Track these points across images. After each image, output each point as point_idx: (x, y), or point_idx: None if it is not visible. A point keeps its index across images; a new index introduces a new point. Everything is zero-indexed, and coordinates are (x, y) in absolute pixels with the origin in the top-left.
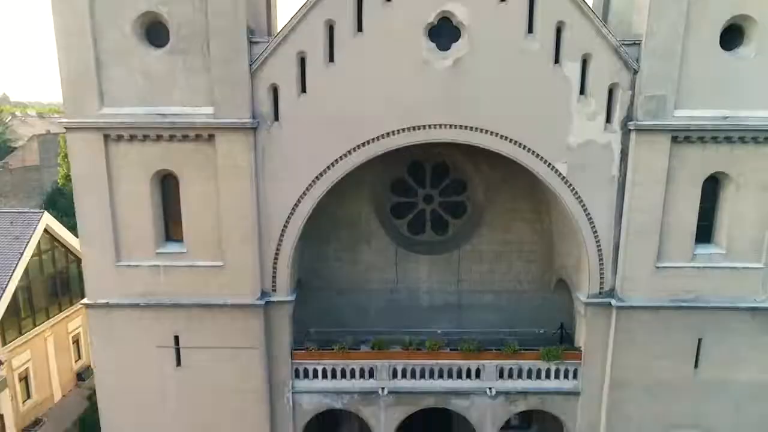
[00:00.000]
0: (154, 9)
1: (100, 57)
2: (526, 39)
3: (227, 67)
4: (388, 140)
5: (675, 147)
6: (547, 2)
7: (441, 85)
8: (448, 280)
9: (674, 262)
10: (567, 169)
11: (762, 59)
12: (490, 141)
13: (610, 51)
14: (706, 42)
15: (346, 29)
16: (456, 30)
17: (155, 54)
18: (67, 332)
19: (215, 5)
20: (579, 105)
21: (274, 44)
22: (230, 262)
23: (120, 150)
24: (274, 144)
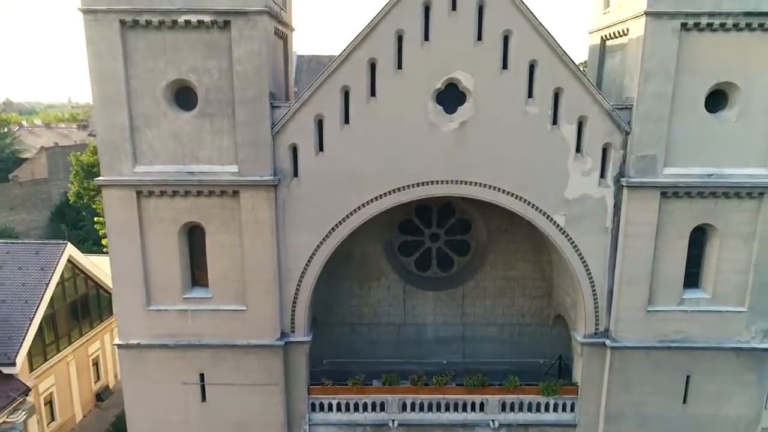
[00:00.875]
0: (184, 77)
1: (134, 121)
2: (527, 103)
3: (251, 130)
4: (398, 195)
5: (664, 201)
6: (546, 70)
7: (448, 145)
8: (453, 314)
9: (664, 306)
10: (564, 220)
11: (744, 122)
12: (494, 195)
13: (604, 114)
14: (692, 106)
15: (361, 95)
16: (462, 94)
17: (184, 117)
18: (87, 355)
19: (241, 75)
20: (575, 163)
21: (294, 109)
22: (252, 306)
23: (151, 204)
24: (294, 198)
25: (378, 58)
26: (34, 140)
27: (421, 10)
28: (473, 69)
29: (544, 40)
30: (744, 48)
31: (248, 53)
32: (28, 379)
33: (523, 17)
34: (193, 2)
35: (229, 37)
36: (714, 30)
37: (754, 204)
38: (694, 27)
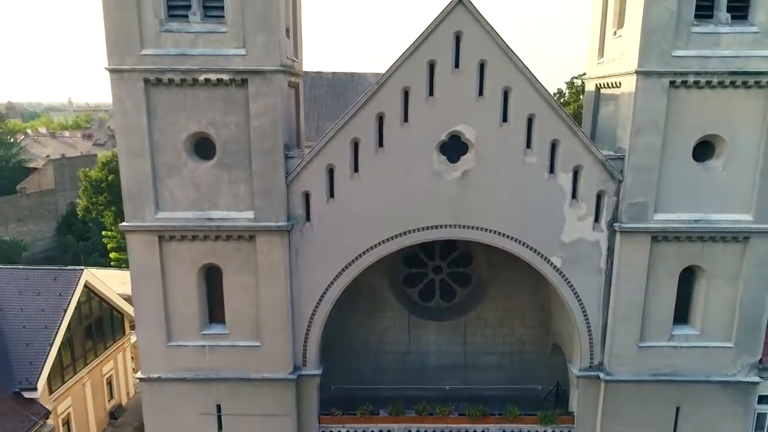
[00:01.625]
0: (204, 130)
1: (156, 170)
2: (526, 154)
3: (266, 179)
4: (404, 238)
5: (655, 245)
6: (543, 123)
7: (451, 192)
8: (455, 343)
9: (655, 342)
10: (561, 262)
11: (729, 171)
12: (494, 239)
13: (598, 164)
14: (681, 156)
15: (369, 145)
16: (464, 145)
17: (204, 167)
18: (101, 375)
19: (257, 129)
20: (571, 209)
21: (307, 159)
22: (267, 342)
23: (172, 247)
24: (306, 242)
25: (386, 112)
26: (39, 149)
27: (427, 68)
28: (475, 122)
29: (541, 96)
30: (729, 103)
31: (264, 109)
32: (47, 402)
33: (522, 75)
34: (212, 62)
35: (246, 94)
36: (701, 87)
37: (739, 247)
38: (682, 85)
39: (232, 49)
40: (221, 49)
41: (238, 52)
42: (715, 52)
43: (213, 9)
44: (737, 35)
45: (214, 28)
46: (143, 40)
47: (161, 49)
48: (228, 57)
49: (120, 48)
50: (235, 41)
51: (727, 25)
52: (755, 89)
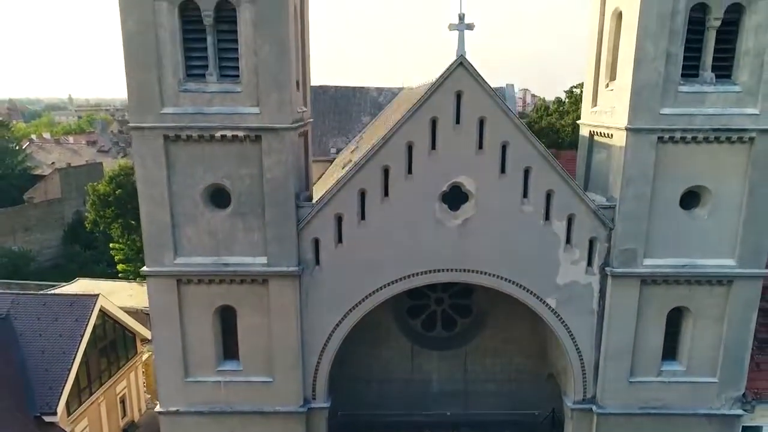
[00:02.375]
0: (220, 182)
1: (175, 219)
2: (522, 203)
3: (279, 228)
4: (407, 281)
5: (644, 287)
6: (539, 175)
7: (452, 238)
8: (456, 371)
9: (644, 377)
10: (556, 303)
11: (714, 219)
12: (493, 282)
13: (590, 213)
14: (668, 205)
15: (376, 196)
16: (465, 195)
17: (219, 215)
18: (115, 394)
19: (270, 181)
20: (565, 253)
21: (317, 209)
22: (278, 377)
23: (190, 290)
24: (316, 284)
25: (391, 165)
26: (44, 156)
27: (429, 124)
28: (475, 174)
29: (537, 150)
30: (713, 157)
31: (277, 163)
32: (66, 425)
33: (518, 130)
34: (228, 120)
35: (259, 149)
36: (687, 142)
37: (723, 290)
38: (669, 140)
39: (247, 108)
40: (236, 108)
41: (252, 110)
42: (701, 110)
43: (228, 69)
44: (721, 94)
45: (229, 88)
46: (163, 99)
47: (180, 108)
48: (243, 115)
49: (141, 107)
50: (250, 100)
51: (712, 85)
52: (738, 144)
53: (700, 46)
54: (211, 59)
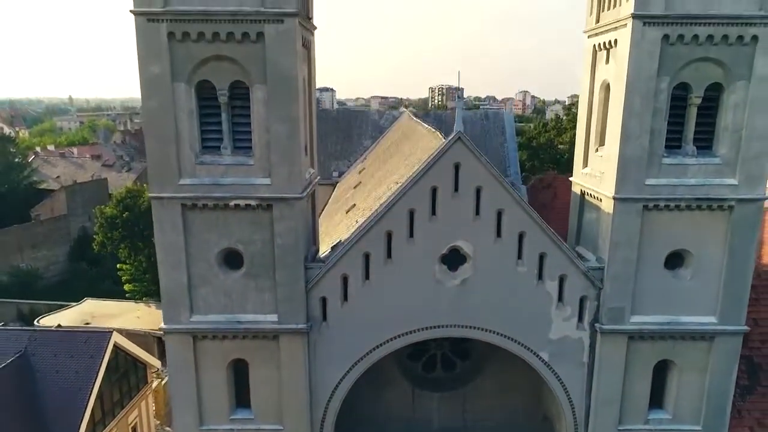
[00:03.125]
0: (233, 246)
1: (191, 280)
2: (517, 264)
3: (289, 288)
4: (410, 336)
5: (631, 342)
6: (532, 239)
7: (451, 297)
8: (455, 411)
9: (632, 425)
10: (548, 356)
11: (696, 279)
12: (490, 337)
13: (580, 274)
14: (654, 267)
15: (379, 258)
16: (463, 257)
17: (233, 277)
18: (127, 424)
19: (280, 246)
20: (557, 310)
21: (324, 270)
22: (288, 425)
23: (205, 345)
24: (323, 339)
25: (393, 229)
26: (49, 170)
27: (430, 193)
28: (472, 238)
29: (530, 217)
30: (695, 222)
31: (287, 229)
32: None
33: (513, 199)
34: (241, 190)
35: (271, 216)
36: (671, 210)
37: (706, 345)
38: (654, 208)
39: (259, 179)
40: (249, 179)
41: (263, 181)
42: (683, 181)
43: (242, 141)
44: (702, 166)
45: (242, 161)
46: (181, 171)
47: (197, 179)
48: (255, 185)
49: (161, 178)
50: (262, 172)
51: (694, 157)
52: (718, 211)
53: (683, 120)
54: (226, 134)
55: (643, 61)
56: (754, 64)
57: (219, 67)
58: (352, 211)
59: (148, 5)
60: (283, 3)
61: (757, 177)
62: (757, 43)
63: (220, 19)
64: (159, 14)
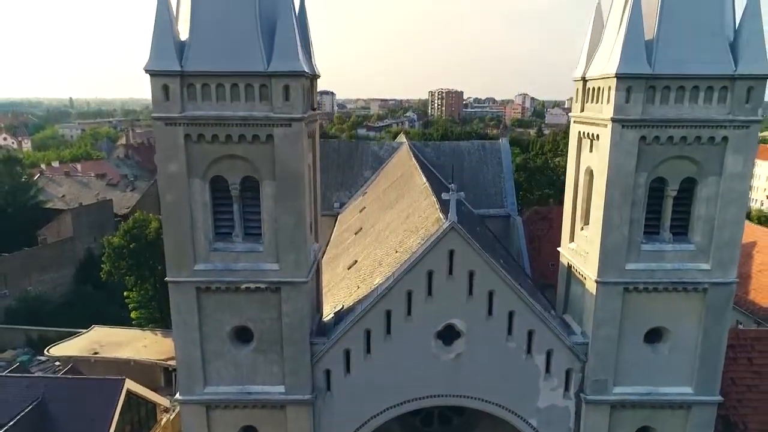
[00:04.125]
0: (244, 323)
1: (205, 355)
2: (507, 340)
3: (295, 362)
4: (407, 405)
5: (614, 411)
6: (521, 317)
7: (446, 369)
8: None
9: None
10: (537, 422)
11: (673, 353)
12: (483, 405)
13: (566, 349)
14: (634, 342)
15: (379, 334)
16: (457, 333)
17: (243, 351)
18: None
19: (288, 324)
20: (545, 382)
21: (329, 345)
22: None
23: (217, 413)
24: (328, 408)
25: (393, 309)
26: (54, 189)
27: (426, 276)
28: (466, 316)
29: (520, 298)
30: (672, 302)
31: (294, 310)
32: None
33: (503, 281)
34: (252, 275)
35: (279, 298)
36: (649, 291)
37: (683, 412)
38: (634, 290)
39: (268, 264)
40: (259, 264)
41: (272, 266)
42: (661, 266)
43: (252, 228)
44: (678, 252)
45: (253, 248)
46: (196, 257)
47: (210, 264)
48: (264, 270)
49: (177, 264)
50: (271, 257)
51: (670, 243)
52: (693, 293)
53: (660, 209)
54: (237, 223)
55: (623, 160)
56: (725, 162)
57: (231, 164)
58: (353, 269)
59: (167, 111)
60: (290, 109)
61: (729, 263)
62: (727, 143)
63: (232, 123)
64: (176, 119)
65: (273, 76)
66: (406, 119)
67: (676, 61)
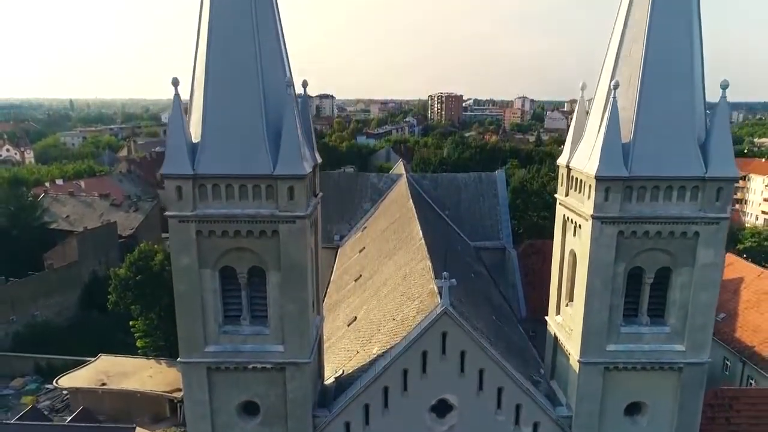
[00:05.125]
0: (251, 398)
1: (215, 428)
2: (497, 413)
3: None
4: None
5: None
6: (509, 393)
7: None
8: None
9: None
10: None
11: (652, 426)
12: None
13: (552, 422)
14: (615, 414)
15: (377, 408)
16: (450, 406)
17: (251, 424)
18: None
19: (292, 401)
20: None
21: (330, 419)
22: None
23: None
24: None
25: (390, 385)
26: (59, 208)
27: (421, 356)
28: (458, 391)
29: (508, 375)
30: (650, 380)
31: (298, 387)
32: None
33: (492, 361)
34: (259, 356)
35: (284, 376)
36: (629, 370)
37: None
38: (614, 369)
39: (274, 346)
40: (265, 346)
41: (277, 348)
42: (639, 347)
43: (259, 310)
44: (655, 334)
45: (259, 331)
46: (206, 339)
47: (220, 346)
48: (270, 352)
49: (189, 347)
50: (276, 340)
51: (648, 326)
52: (669, 371)
53: (638, 294)
54: (245, 308)
55: (602, 253)
56: (697, 254)
57: (240, 255)
58: (353, 326)
59: (180, 210)
60: (295, 207)
61: (702, 344)
62: (699, 238)
63: (240, 220)
64: (189, 217)
65: (279, 179)
66: (406, 124)
67: (651, 163)
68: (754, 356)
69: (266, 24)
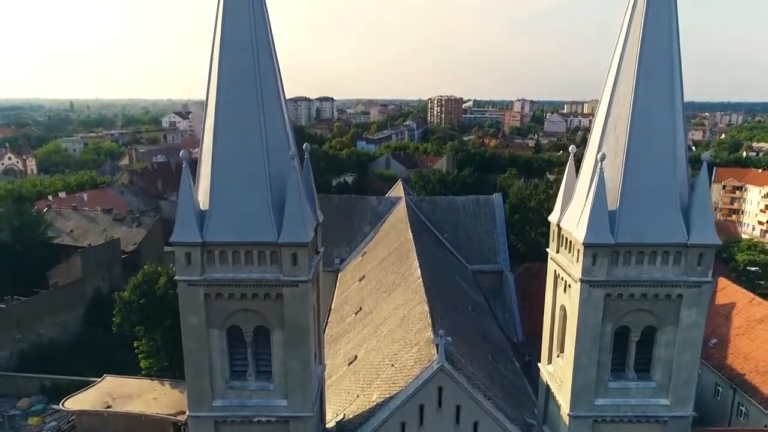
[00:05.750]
0: None
1: None
2: None
3: None
4: None
5: None
6: None
7: None
8: None
9: None
10: None
11: None
12: None
13: None
14: None
15: None
16: None
17: None
18: None
19: None
20: None
21: None
22: None
23: None
24: None
25: None
26: (62, 223)
27: (418, 409)
28: None
29: (500, 426)
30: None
31: None
32: None
33: (486, 413)
34: (263, 410)
35: (288, 428)
36: (616, 422)
37: None
38: (602, 421)
39: (278, 401)
40: (270, 401)
41: (281, 402)
42: (626, 401)
43: (264, 366)
44: (641, 388)
45: (264, 386)
46: (214, 394)
47: (227, 401)
48: (275, 406)
49: (198, 401)
50: (280, 395)
51: (634, 381)
52: (655, 424)
53: (625, 351)
54: (251, 364)
55: (590, 314)
56: (680, 315)
57: (245, 316)
58: (352, 366)
59: (189, 274)
60: (298, 272)
61: (686, 399)
62: (682, 299)
63: (246, 284)
64: (197, 281)
65: (283, 246)
66: (406, 128)
67: (636, 231)
68: (745, 384)
69: (271, 101)
